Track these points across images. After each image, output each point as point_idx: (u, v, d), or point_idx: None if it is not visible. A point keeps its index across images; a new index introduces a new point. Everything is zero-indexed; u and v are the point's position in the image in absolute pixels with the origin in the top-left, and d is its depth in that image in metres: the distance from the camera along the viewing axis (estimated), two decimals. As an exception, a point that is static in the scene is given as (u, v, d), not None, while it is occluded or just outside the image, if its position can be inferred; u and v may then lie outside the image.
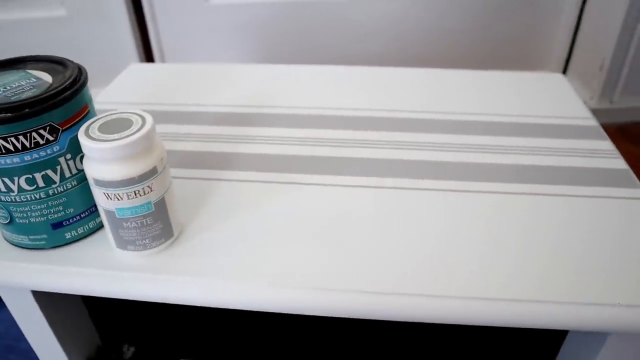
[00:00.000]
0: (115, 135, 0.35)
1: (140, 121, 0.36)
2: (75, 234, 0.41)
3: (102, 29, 1.51)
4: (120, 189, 0.35)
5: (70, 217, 0.40)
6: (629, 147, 1.48)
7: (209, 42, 1.52)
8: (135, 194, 0.36)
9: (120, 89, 0.65)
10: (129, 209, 0.36)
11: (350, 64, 0.71)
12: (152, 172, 0.36)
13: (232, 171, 0.49)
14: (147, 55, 1.76)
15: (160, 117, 0.58)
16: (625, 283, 0.37)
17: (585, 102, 0.60)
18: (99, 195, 0.36)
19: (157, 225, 0.38)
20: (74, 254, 0.40)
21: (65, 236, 0.40)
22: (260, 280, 0.38)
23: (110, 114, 0.37)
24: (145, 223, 0.38)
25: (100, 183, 0.35)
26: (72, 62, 0.39)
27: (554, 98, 0.61)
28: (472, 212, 0.44)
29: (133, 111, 0.37)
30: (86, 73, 0.38)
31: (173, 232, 0.40)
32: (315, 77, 0.67)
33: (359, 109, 0.59)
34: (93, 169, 0.35)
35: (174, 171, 0.49)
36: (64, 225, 0.40)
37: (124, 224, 0.37)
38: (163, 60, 1.74)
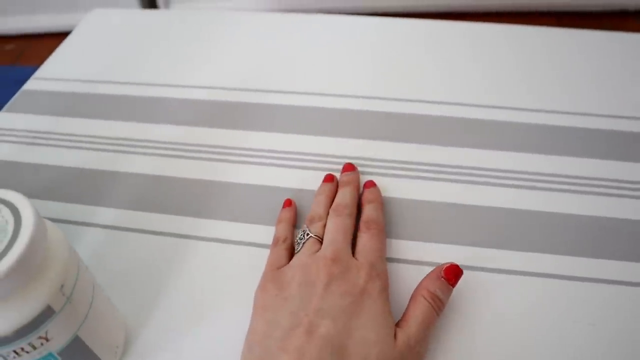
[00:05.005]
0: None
1: (10, 225, 0.19)
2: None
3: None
4: (-13, 351, 0.20)
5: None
6: None
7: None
8: (18, 353, 0.20)
9: (72, 55, 0.47)
10: (14, 367, 0.21)
11: None
12: (43, 317, 0.20)
13: (212, 221, 0.32)
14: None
15: (113, 107, 0.40)
16: None
17: None
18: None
19: (72, 373, 0.23)
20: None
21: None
22: None
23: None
24: (50, 377, 0.22)
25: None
26: None
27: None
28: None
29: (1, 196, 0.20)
30: None
31: (106, 367, 0.25)
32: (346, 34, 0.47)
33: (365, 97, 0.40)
34: None
35: (122, 215, 0.33)
36: None
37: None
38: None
